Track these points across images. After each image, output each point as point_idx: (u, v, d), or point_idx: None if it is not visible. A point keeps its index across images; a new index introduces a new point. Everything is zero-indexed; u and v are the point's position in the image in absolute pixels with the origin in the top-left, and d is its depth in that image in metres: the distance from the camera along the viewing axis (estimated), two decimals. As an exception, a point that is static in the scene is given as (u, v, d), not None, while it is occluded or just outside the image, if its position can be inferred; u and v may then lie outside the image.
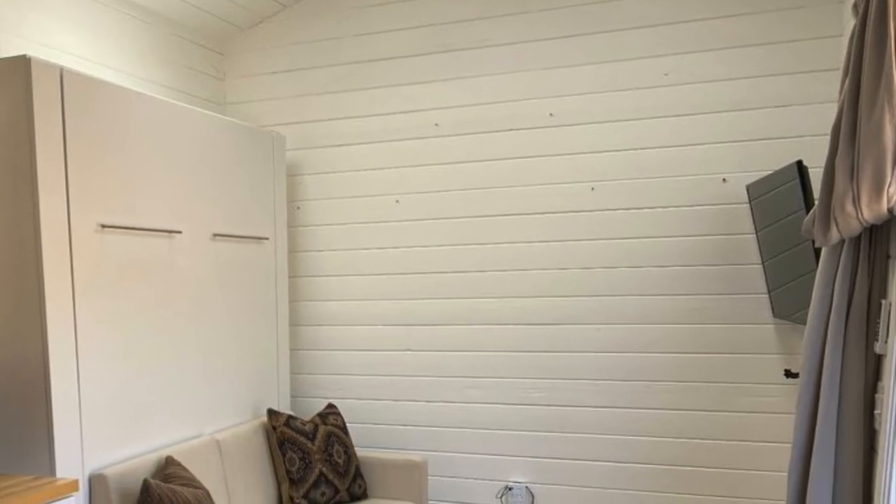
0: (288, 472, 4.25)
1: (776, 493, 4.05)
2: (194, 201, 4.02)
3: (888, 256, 2.55)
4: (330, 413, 4.54)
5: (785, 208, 3.70)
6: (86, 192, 3.35)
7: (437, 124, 4.66)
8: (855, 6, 2.43)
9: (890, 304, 2.43)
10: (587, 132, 4.38)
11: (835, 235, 2.54)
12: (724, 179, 4.17)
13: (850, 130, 2.37)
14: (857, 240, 2.57)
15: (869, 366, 2.58)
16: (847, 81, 2.40)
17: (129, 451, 3.62)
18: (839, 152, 2.41)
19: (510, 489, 4.64)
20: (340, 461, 4.37)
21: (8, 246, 3.16)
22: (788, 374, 4.00)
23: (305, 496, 4.22)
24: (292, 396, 5.07)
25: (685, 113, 4.20)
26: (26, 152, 3.08)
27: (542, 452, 4.58)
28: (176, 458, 3.69)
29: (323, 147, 4.93)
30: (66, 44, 3.81)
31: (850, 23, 2.99)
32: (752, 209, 4.00)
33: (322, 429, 4.40)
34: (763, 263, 3.99)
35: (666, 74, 4.19)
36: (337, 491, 4.31)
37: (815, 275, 3.06)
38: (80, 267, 3.32)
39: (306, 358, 5.08)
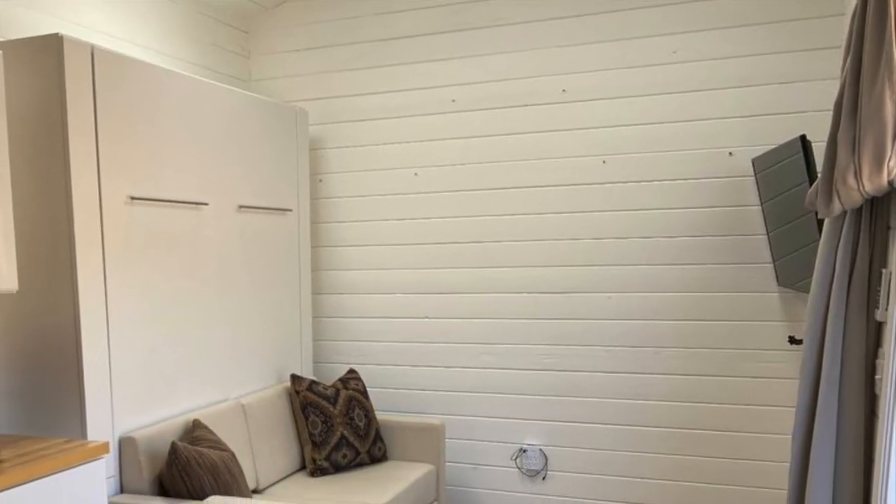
0: (311, 434, 4.27)
1: (780, 454, 4.13)
2: (220, 174, 4.02)
3: (888, 227, 2.53)
4: (351, 378, 4.56)
5: (789, 181, 3.70)
6: (116, 166, 3.35)
7: (454, 100, 4.65)
8: (856, -15, 2.39)
9: (890, 274, 2.41)
10: (598, 108, 4.38)
11: (837, 207, 2.52)
12: (730, 153, 4.16)
13: (851, 106, 2.36)
14: (858, 211, 2.56)
15: (870, 333, 2.56)
16: (848, 59, 2.40)
17: (158, 415, 3.65)
18: (841, 127, 2.39)
19: (524, 451, 4.67)
20: (361, 424, 4.40)
21: (41, 217, 3.18)
22: (792, 340, 3.98)
23: (327, 458, 4.26)
24: (315, 362, 5.09)
25: (693, 89, 4.17)
26: (58, 127, 3.11)
27: (555, 416, 4.60)
28: (203, 421, 3.71)
29: (344, 122, 4.91)
30: (96, 22, 3.79)
31: (851, 2, 2.96)
32: (757, 182, 4.00)
33: (343, 393, 4.43)
34: (768, 234, 3.99)
35: (674, 52, 4.18)
36: (358, 453, 4.35)
37: (818, 245, 2.98)
38: (111, 238, 3.34)
39: (328, 325, 5.09)
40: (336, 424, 4.31)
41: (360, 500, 3.90)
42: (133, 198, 3.44)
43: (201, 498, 3.28)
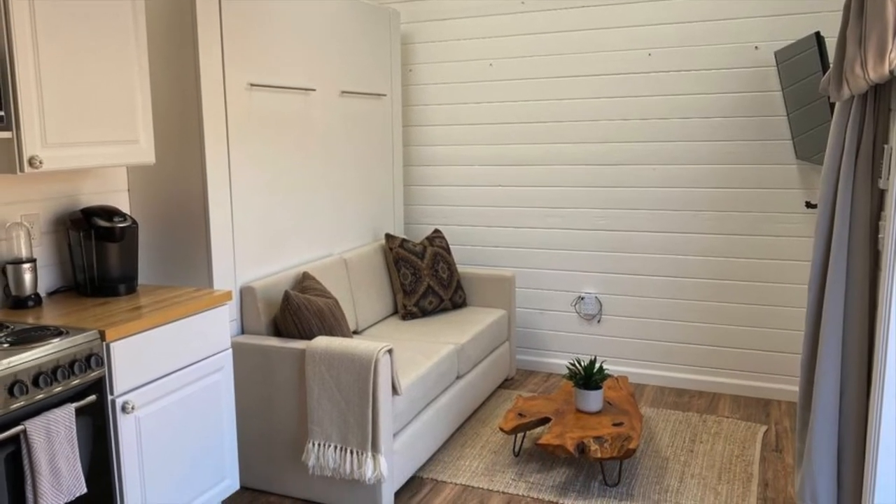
0: (402, 284, 4.55)
1: (797, 301, 4.52)
2: (325, 65, 4.20)
3: (889, 109, 2.60)
4: (436, 237, 4.83)
5: (806, 70, 3.97)
6: (237, 57, 3.51)
7: (523, 2, 4.89)
8: None
9: (891, 149, 2.45)
10: (645, 8, 4.62)
11: (846, 92, 2.62)
12: (756, 47, 4.40)
13: (858, 7, 2.43)
14: (864, 96, 2.64)
15: (874, 198, 2.66)
16: (858, -35, 2.41)
17: (273, 268, 3.86)
18: (850, 25, 2.47)
19: (582, 298, 5.02)
20: (444, 276, 4.68)
21: (175, 101, 3.35)
22: (808, 205, 4.30)
23: (416, 304, 4.55)
24: (405, 223, 5.46)
25: (725, -9, 4.30)
26: (189, 24, 3.26)
27: (609, 269, 4.94)
28: (311, 273, 3.92)
29: (430, 21, 5.17)
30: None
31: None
32: (779, 71, 4.21)
33: (430, 250, 4.71)
34: (788, 115, 4.21)
35: None
36: (442, 300, 4.66)
37: (830, 124, 3.29)
38: (233, 118, 3.51)
39: (417, 192, 5.41)
40: (423, 276, 4.60)
41: (445, 339, 4.17)
42: (252, 84, 3.61)
43: (310, 338, 3.47)
